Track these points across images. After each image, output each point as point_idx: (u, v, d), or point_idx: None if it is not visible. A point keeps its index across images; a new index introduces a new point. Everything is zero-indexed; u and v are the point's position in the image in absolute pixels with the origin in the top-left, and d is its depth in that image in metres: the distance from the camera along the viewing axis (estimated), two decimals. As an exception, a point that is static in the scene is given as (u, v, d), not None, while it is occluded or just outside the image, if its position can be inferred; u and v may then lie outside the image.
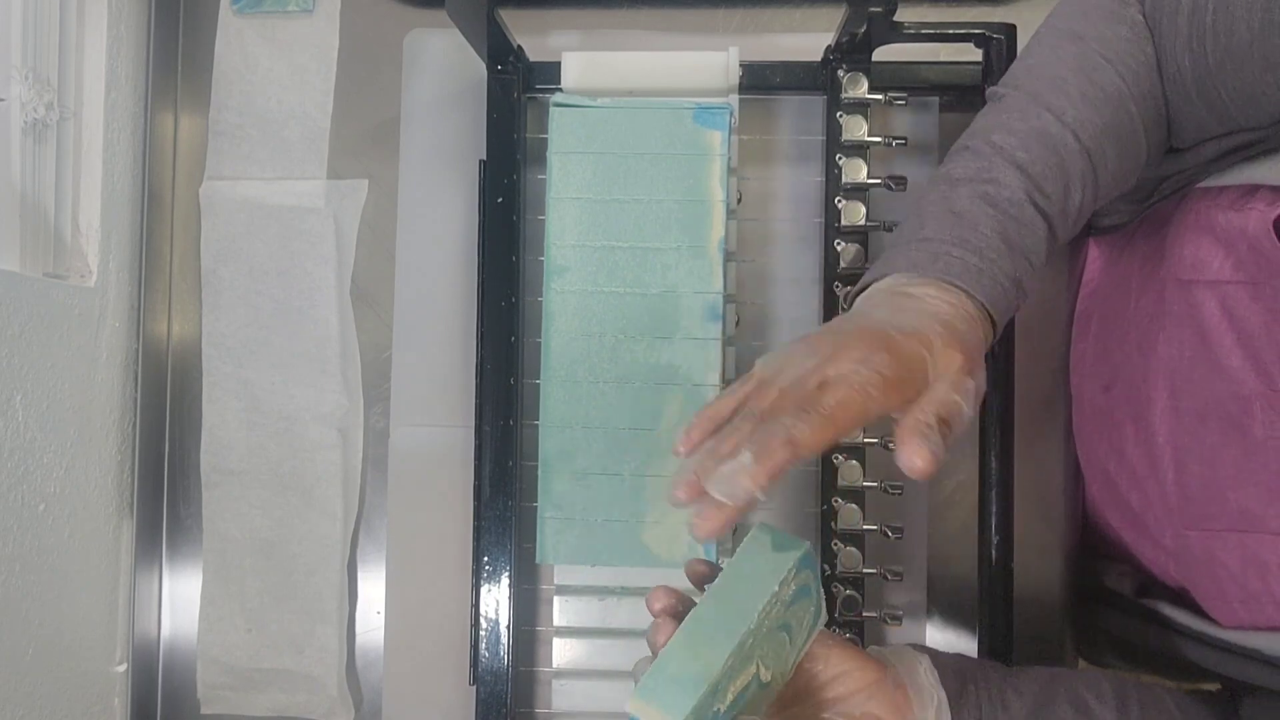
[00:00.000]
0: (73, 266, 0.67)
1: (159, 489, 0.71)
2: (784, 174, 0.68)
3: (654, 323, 0.61)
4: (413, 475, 0.69)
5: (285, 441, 0.70)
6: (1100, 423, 0.64)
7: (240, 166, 0.71)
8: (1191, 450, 0.54)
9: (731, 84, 0.64)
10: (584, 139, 0.61)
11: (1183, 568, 0.57)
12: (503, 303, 0.64)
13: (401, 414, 0.70)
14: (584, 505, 0.61)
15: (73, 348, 0.65)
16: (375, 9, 0.71)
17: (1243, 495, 0.51)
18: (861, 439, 0.63)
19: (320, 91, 0.71)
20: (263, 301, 0.70)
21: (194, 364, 0.71)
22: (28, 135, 0.63)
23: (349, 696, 0.70)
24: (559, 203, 0.61)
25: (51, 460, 0.63)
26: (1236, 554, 0.52)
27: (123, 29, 0.69)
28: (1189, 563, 0.56)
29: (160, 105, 0.71)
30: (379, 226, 0.71)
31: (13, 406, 0.59)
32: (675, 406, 0.61)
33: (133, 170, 0.71)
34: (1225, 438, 0.52)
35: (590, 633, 0.66)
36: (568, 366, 0.61)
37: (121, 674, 0.70)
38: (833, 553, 0.63)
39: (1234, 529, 0.52)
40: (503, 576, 0.63)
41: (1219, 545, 0.53)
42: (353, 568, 0.70)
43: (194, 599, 0.71)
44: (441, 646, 0.68)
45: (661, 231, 0.61)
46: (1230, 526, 0.52)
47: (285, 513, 0.70)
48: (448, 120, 0.70)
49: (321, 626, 0.69)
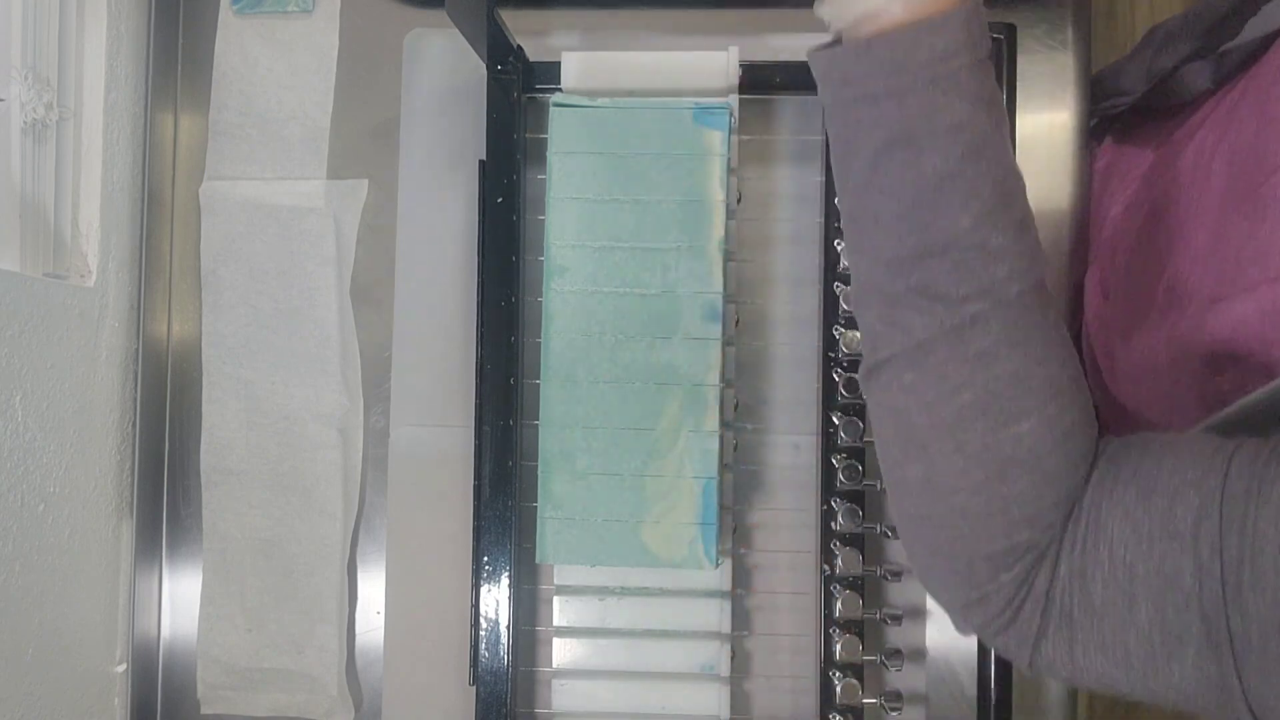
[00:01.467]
0: (73, 266, 0.67)
1: (159, 489, 0.71)
2: (784, 174, 0.68)
3: (654, 323, 0.61)
4: (413, 475, 0.69)
5: (285, 441, 0.70)
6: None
7: (240, 166, 0.71)
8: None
9: (731, 84, 0.64)
10: (584, 139, 0.61)
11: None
12: (503, 303, 0.64)
13: (401, 414, 0.70)
14: (584, 505, 0.61)
15: (73, 348, 0.65)
16: (375, 9, 0.71)
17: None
18: (861, 439, 0.63)
19: (320, 91, 0.71)
20: (263, 301, 0.70)
21: (194, 364, 0.71)
22: (27, 135, 0.63)
23: (349, 696, 0.70)
24: (559, 203, 0.61)
25: (51, 460, 0.63)
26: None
27: (123, 29, 0.69)
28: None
29: (160, 105, 0.71)
30: (379, 226, 0.71)
31: (13, 406, 0.59)
32: (675, 406, 0.61)
33: (133, 170, 0.71)
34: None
35: (590, 633, 0.66)
36: (568, 366, 0.61)
37: (121, 674, 0.70)
38: (832, 553, 0.63)
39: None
40: (503, 576, 0.63)
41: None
42: (353, 568, 0.70)
43: (194, 599, 0.71)
44: (441, 646, 0.68)
45: (661, 231, 0.61)
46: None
47: (285, 512, 0.70)
48: (448, 120, 0.70)
49: (321, 626, 0.69)
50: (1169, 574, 0.39)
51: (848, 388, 0.63)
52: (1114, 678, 0.42)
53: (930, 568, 0.46)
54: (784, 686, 0.67)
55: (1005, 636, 0.44)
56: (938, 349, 0.42)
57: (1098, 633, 0.41)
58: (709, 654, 0.65)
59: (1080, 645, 0.42)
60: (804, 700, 0.67)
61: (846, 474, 0.63)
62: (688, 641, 0.65)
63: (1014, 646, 0.44)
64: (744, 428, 0.67)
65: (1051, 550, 0.43)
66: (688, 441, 0.60)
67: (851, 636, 0.63)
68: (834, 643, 0.63)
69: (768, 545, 0.68)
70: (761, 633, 0.67)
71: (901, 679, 0.66)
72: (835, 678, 0.63)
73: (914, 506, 0.45)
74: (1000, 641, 0.44)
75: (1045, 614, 0.42)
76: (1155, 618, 0.40)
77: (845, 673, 0.63)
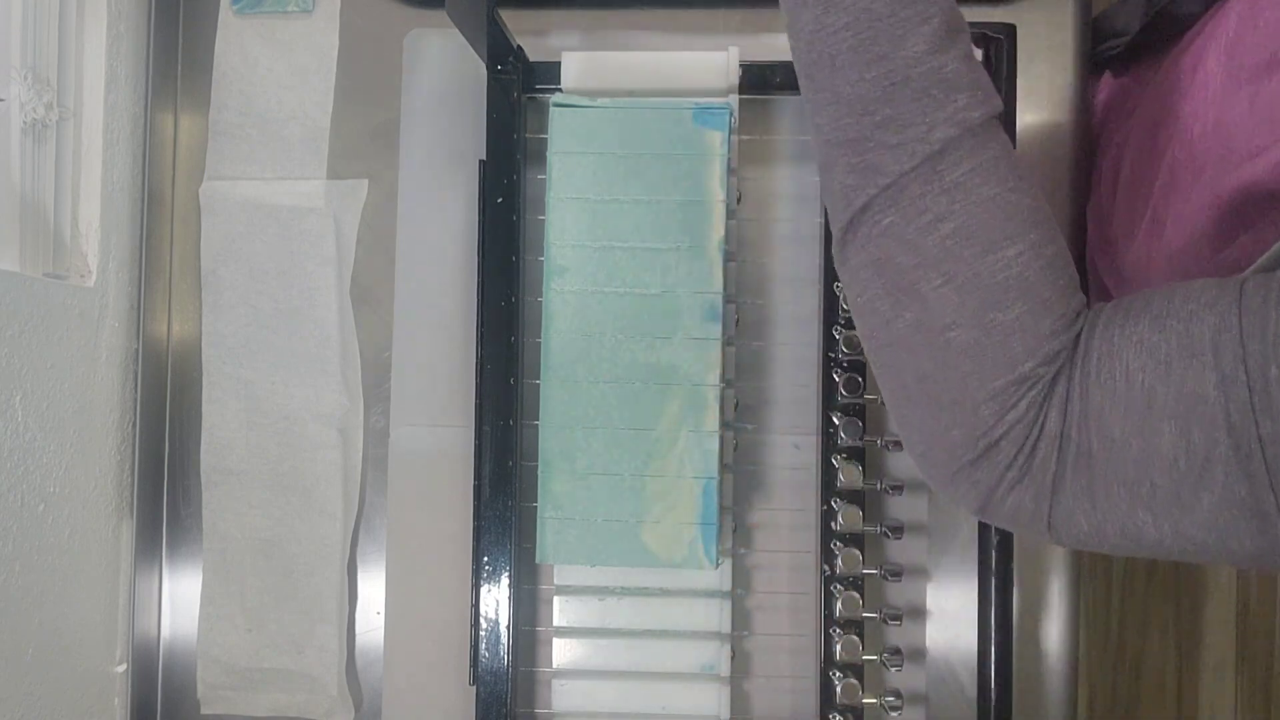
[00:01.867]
0: (72, 266, 0.67)
1: (159, 489, 0.71)
2: (784, 174, 0.68)
3: (654, 323, 0.61)
4: (413, 475, 0.69)
5: (285, 441, 0.70)
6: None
7: (240, 166, 0.71)
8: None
9: (731, 84, 0.64)
10: (584, 139, 0.61)
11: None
12: (503, 303, 0.64)
13: (401, 414, 0.70)
14: (584, 505, 0.61)
15: (73, 348, 0.65)
16: (375, 9, 0.71)
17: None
18: (861, 439, 0.63)
19: (320, 91, 0.71)
20: (263, 301, 0.70)
21: (194, 364, 0.71)
22: (27, 135, 0.63)
23: (349, 696, 0.70)
24: (559, 203, 0.61)
25: (51, 460, 0.63)
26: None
27: (123, 29, 0.69)
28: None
29: (160, 105, 0.71)
30: (379, 226, 0.71)
31: (13, 406, 0.59)
32: (675, 406, 0.61)
33: (133, 170, 0.71)
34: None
35: (590, 633, 0.66)
36: (568, 366, 0.61)
37: (121, 674, 0.70)
38: (832, 553, 0.63)
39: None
40: (503, 576, 0.63)
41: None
42: (353, 568, 0.70)
43: (194, 599, 0.71)
44: (441, 646, 0.68)
45: (661, 231, 0.61)
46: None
47: (285, 512, 0.70)
48: (448, 120, 0.70)
49: (321, 626, 0.69)
50: (1191, 393, 0.38)
51: (848, 388, 0.63)
52: (1140, 524, 0.40)
53: (932, 433, 0.44)
54: (784, 686, 0.67)
55: (1020, 492, 0.42)
56: (912, 184, 0.42)
57: (1120, 467, 0.40)
58: (709, 654, 0.65)
59: (1102, 486, 0.40)
60: (804, 700, 0.67)
61: (846, 474, 0.63)
62: (688, 641, 0.65)
63: (1030, 503, 0.42)
64: (744, 428, 0.67)
65: (1060, 388, 0.41)
66: (688, 441, 0.60)
67: (851, 636, 0.63)
68: (834, 643, 0.63)
69: (768, 545, 0.68)
70: (761, 633, 0.67)
71: (901, 679, 0.66)
72: (835, 678, 0.63)
73: (910, 365, 0.44)
74: (1014, 501, 0.42)
75: (1061, 455, 0.41)
76: (1180, 443, 0.38)
77: (845, 673, 0.63)
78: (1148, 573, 1.41)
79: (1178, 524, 0.39)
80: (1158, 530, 0.40)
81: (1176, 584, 1.41)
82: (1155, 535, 0.40)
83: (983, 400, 0.42)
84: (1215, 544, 0.39)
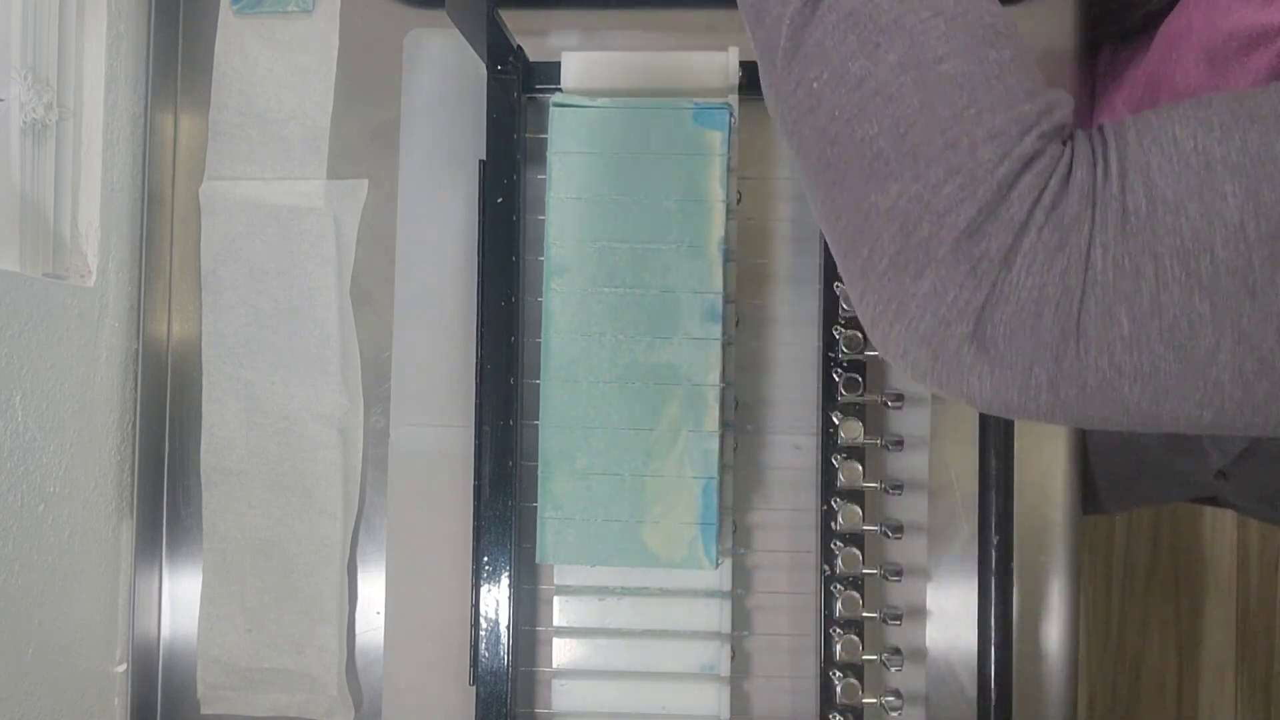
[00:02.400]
0: (72, 266, 0.67)
1: (159, 489, 0.71)
2: (784, 174, 0.68)
3: (654, 323, 0.61)
4: (413, 475, 0.69)
5: (285, 441, 0.70)
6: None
7: (240, 166, 0.71)
8: None
9: (731, 84, 0.64)
10: (584, 139, 0.61)
11: None
12: (503, 303, 0.64)
13: (401, 414, 0.70)
14: (584, 505, 0.61)
15: (73, 348, 0.65)
16: (375, 9, 0.71)
17: None
18: (862, 439, 0.63)
19: (320, 91, 0.71)
20: (263, 301, 0.70)
21: (194, 364, 0.71)
22: (27, 135, 0.63)
23: (349, 696, 0.70)
24: (559, 203, 0.61)
25: (51, 460, 0.63)
26: None
27: (123, 29, 0.69)
28: None
29: (160, 105, 0.71)
30: (379, 226, 0.71)
31: (13, 406, 0.59)
32: (675, 406, 0.61)
33: (133, 170, 0.71)
34: None
35: (590, 633, 0.66)
36: (568, 366, 0.61)
37: (121, 674, 0.70)
38: (832, 553, 0.63)
39: None
40: (503, 576, 0.63)
41: None
42: (353, 568, 0.70)
43: (194, 599, 0.71)
44: (441, 646, 0.68)
45: (661, 231, 0.61)
46: None
47: (285, 512, 0.70)
48: (448, 120, 0.70)
49: (321, 626, 0.69)
50: (1257, 150, 0.32)
51: (847, 387, 0.63)
52: (1194, 320, 0.32)
53: (914, 206, 0.36)
54: (784, 686, 0.67)
55: (1043, 262, 0.33)
56: None
57: (1173, 235, 0.33)
58: (709, 654, 0.65)
59: (1150, 258, 0.33)
60: (804, 700, 0.67)
61: (846, 474, 0.63)
62: (688, 641, 0.65)
63: (1056, 283, 0.33)
64: (744, 428, 0.67)
65: (1083, 146, 0.35)
66: (688, 441, 0.60)
67: (851, 636, 0.63)
68: (834, 643, 0.63)
69: (768, 545, 0.68)
70: (761, 633, 0.67)
71: (901, 679, 0.66)
72: (835, 678, 0.63)
73: (888, 120, 0.36)
74: (1035, 282, 0.34)
75: (1098, 211, 0.33)
76: (1248, 205, 0.32)
77: (845, 673, 0.63)
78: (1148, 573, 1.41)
79: (1240, 320, 0.32)
80: (1216, 334, 0.32)
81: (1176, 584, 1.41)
82: (1211, 343, 0.33)
83: (982, 139, 0.35)
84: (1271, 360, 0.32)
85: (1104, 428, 0.36)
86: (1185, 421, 0.34)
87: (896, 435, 0.64)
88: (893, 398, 0.64)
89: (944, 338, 0.35)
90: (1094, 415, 0.35)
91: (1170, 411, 0.34)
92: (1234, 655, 1.40)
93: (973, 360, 0.35)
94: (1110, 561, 1.42)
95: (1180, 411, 0.34)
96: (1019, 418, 0.37)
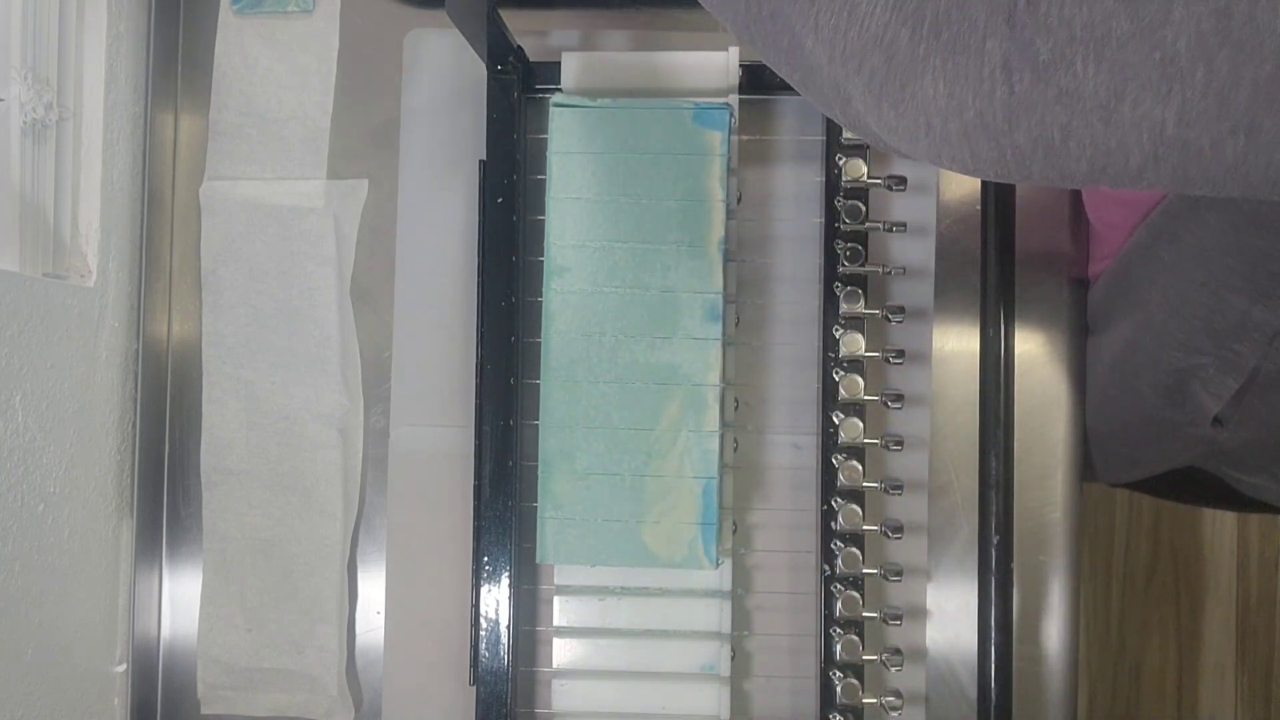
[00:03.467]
0: (72, 266, 0.67)
1: (159, 489, 0.71)
2: (784, 174, 0.68)
3: (654, 322, 0.61)
4: (413, 475, 0.69)
5: (285, 441, 0.70)
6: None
7: (240, 166, 0.71)
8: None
9: (731, 84, 0.64)
10: (584, 139, 0.62)
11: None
12: (503, 303, 0.64)
13: (401, 414, 0.70)
14: (584, 505, 0.61)
15: (73, 348, 0.65)
16: (375, 9, 0.71)
17: None
18: (862, 439, 0.63)
19: (320, 91, 0.71)
20: (263, 301, 0.70)
21: (194, 364, 0.71)
22: (27, 135, 0.63)
23: (349, 696, 0.70)
24: (559, 203, 0.61)
25: (51, 460, 0.63)
26: None
27: (123, 29, 0.69)
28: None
29: (160, 105, 0.71)
30: (379, 226, 0.71)
31: (12, 406, 0.59)
32: (675, 406, 0.61)
33: (133, 170, 0.71)
34: None
35: (590, 633, 0.66)
36: (568, 366, 0.61)
37: (121, 674, 0.70)
38: (832, 553, 0.63)
39: None
40: (503, 576, 0.63)
41: None
42: (353, 568, 0.70)
43: (194, 599, 0.71)
44: (441, 646, 0.68)
45: (661, 231, 0.61)
46: None
47: (285, 513, 0.70)
48: (448, 120, 0.70)
49: (321, 626, 0.69)
50: None
51: (847, 388, 0.63)
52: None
53: None
54: (784, 686, 0.67)
55: None
56: None
57: None
58: (709, 654, 0.65)
59: None
60: (804, 700, 0.67)
61: (846, 474, 0.63)
62: (688, 641, 0.65)
63: None
64: (744, 428, 0.67)
65: None
66: (688, 441, 0.60)
67: (851, 636, 0.63)
68: (834, 643, 0.63)
69: (768, 545, 0.68)
70: (761, 633, 0.67)
71: (901, 679, 0.66)
72: (835, 678, 0.63)
73: None
74: None
75: None
76: None
77: (845, 673, 0.63)
78: (1148, 573, 1.41)
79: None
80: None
81: (1176, 584, 1.41)
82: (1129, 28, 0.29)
83: None
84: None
85: (1067, 160, 0.32)
86: (1149, 135, 0.31)
87: (896, 435, 0.64)
88: (893, 398, 0.64)
89: (894, 36, 0.34)
90: (1051, 120, 0.32)
91: (1131, 110, 0.31)
92: (1234, 656, 1.40)
93: (925, 51, 0.33)
94: (1110, 561, 1.42)
95: (1142, 112, 0.31)
96: (976, 149, 0.33)
